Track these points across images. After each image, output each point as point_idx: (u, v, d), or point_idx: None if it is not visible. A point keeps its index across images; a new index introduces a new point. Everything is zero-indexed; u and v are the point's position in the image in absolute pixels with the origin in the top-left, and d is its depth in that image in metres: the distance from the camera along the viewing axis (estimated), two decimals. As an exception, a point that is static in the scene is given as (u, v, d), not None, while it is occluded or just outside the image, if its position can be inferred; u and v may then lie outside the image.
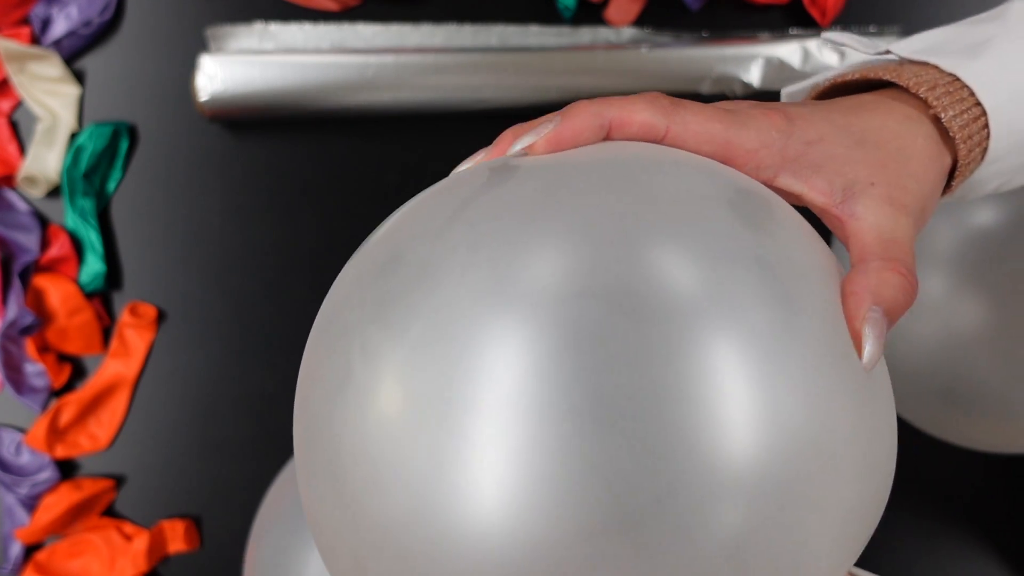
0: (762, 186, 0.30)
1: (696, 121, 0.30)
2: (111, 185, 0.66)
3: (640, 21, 0.69)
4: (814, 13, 0.69)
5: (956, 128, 0.32)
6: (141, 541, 0.61)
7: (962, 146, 0.33)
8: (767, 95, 0.65)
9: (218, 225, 0.66)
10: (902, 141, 0.31)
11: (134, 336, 0.64)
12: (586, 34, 0.68)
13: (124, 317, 0.64)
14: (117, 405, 0.64)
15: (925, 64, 0.34)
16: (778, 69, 0.65)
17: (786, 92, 0.39)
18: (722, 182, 0.27)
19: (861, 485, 0.26)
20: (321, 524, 0.27)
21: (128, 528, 0.63)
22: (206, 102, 0.62)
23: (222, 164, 0.66)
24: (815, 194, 0.31)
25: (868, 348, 0.26)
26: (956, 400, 0.53)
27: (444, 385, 0.23)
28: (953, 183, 0.34)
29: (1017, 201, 0.52)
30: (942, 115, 0.32)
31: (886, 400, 0.28)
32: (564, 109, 0.30)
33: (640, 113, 0.29)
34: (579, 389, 0.22)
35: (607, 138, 0.30)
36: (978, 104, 0.33)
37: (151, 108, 0.66)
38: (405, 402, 0.24)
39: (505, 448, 0.22)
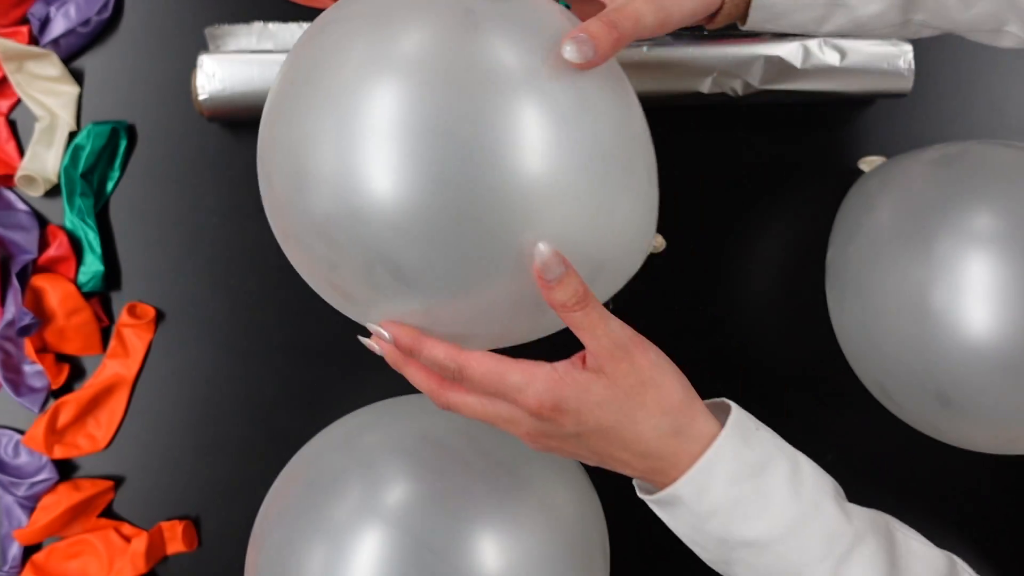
0: None
1: None
2: (110, 185, 0.66)
3: (640, 21, 0.69)
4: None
5: None
6: (140, 542, 0.61)
7: None
8: (768, 94, 0.65)
9: (217, 225, 0.66)
10: None
11: (133, 336, 0.64)
12: (586, 34, 0.68)
13: (123, 317, 0.64)
14: (116, 406, 0.64)
15: None
16: (779, 68, 0.65)
17: None
18: None
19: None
20: (270, 211, 0.45)
21: (127, 529, 0.63)
22: (205, 101, 0.62)
23: (221, 163, 0.66)
24: None
25: (567, 47, 0.40)
26: (951, 404, 0.53)
27: (350, 119, 0.38)
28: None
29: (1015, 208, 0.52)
30: None
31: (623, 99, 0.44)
32: None
33: None
34: (433, 117, 0.37)
35: None
36: None
37: (150, 107, 0.66)
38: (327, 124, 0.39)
39: (389, 154, 0.38)
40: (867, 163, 0.67)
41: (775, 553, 0.41)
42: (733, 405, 0.44)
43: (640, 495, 0.44)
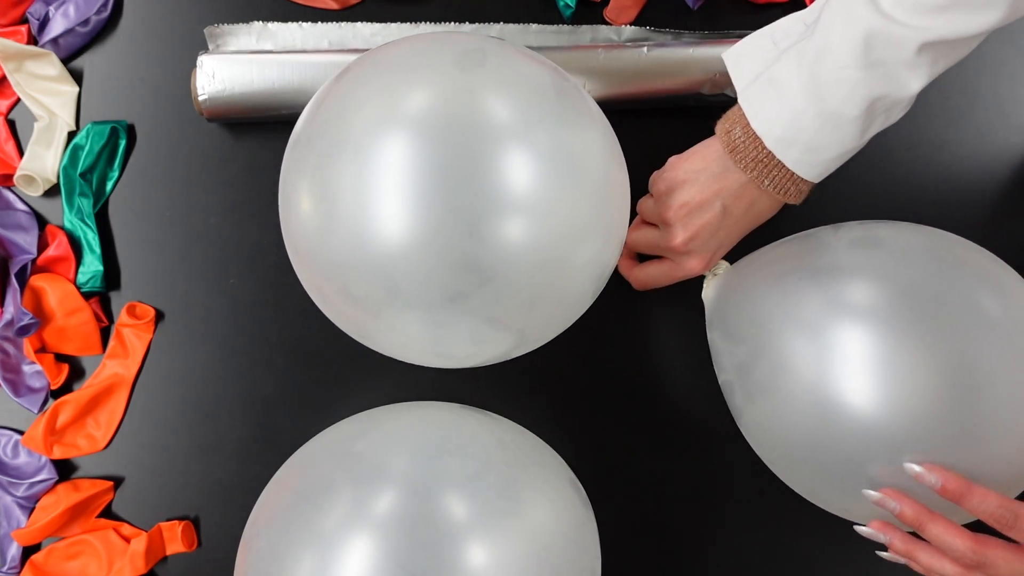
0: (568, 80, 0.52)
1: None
2: (109, 185, 0.66)
3: (640, 20, 0.69)
4: (815, 12, 0.69)
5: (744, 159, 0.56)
6: (139, 542, 0.61)
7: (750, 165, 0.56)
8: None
9: (217, 225, 0.65)
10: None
11: (132, 337, 0.64)
12: (586, 33, 0.68)
13: (122, 317, 0.64)
14: (115, 406, 0.64)
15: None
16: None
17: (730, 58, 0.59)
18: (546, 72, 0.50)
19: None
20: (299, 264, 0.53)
21: (126, 529, 0.63)
22: (205, 101, 0.62)
23: (221, 163, 0.66)
24: None
25: None
26: None
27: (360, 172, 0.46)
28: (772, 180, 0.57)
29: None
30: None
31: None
32: None
33: None
34: (440, 163, 0.45)
35: None
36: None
37: (149, 107, 0.66)
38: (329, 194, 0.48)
39: (402, 196, 0.45)
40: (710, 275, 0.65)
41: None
42: None
43: None
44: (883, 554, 0.52)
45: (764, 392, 0.55)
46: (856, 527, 0.52)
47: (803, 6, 0.69)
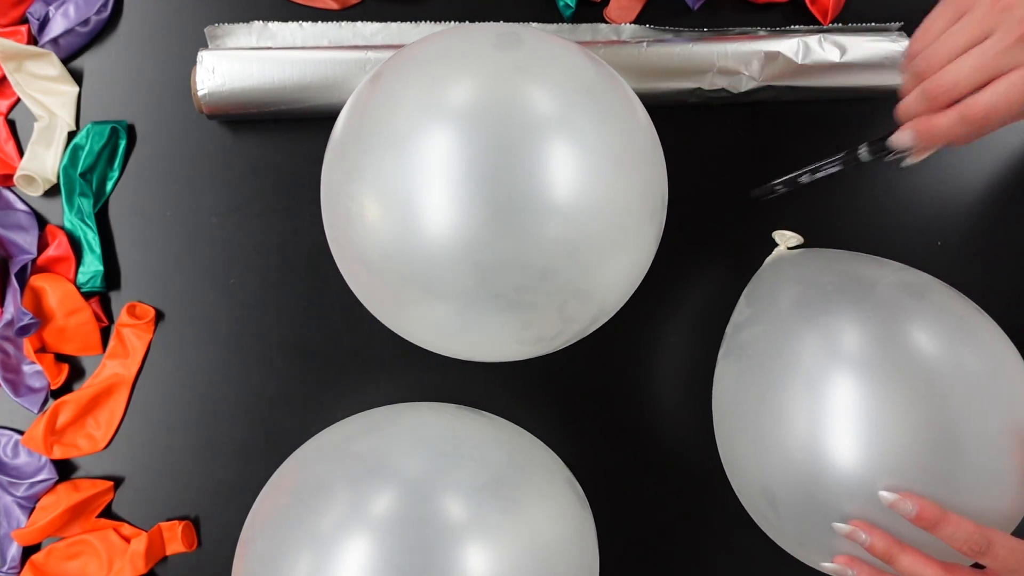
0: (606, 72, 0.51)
1: None
2: (109, 184, 0.65)
3: (640, 20, 0.69)
4: (815, 12, 0.69)
5: None
6: (139, 543, 0.61)
7: None
8: (769, 90, 0.65)
9: (217, 225, 0.65)
10: None
11: (132, 336, 0.64)
12: (586, 32, 0.68)
13: (122, 317, 0.64)
14: (115, 406, 0.64)
15: None
16: (779, 63, 0.64)
17: None
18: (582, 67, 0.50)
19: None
20: (340, 255, 0.52)
21: (126, 529, 0.63)
22: (204, 97, 0.62)
23: (221, 163, 0.66)
24: None
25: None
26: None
27: (405, 172, 0.46)
28: None
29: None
30: None
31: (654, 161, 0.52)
32: None
33: None
34: (484, 161, 0.44)
35: None
36: None
37: (149, 107, 0.66)
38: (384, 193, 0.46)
39: (447, 193, 0.44)
40: (781, 238, 0.64)
41: None
42: None
43: None
44: (827, 566, 0.51)
45: (741, 356, 0.56)
46: (822, 565, 0.52)
47: (803, 6, 0.69)
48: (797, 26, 0.69)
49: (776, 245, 0.64)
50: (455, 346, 0.52)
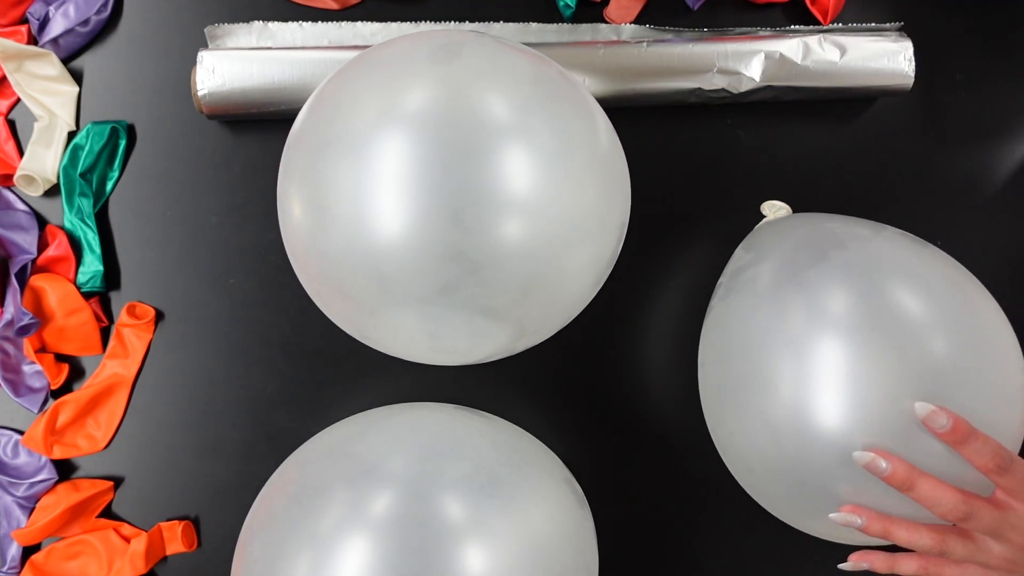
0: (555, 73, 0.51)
1: None
2: (109, 184, 0.66)
3: (640, 20, 0.69)
4: (815, 12, 0.69)
5: None
6: (139, 542, 0.61)
7: None
8: (769, 90, 0.65)
9: (217, 225, 0.65)
10: None
11: (132, 336, 0.64)
12: (586, 32, 0.68)
13: (122, 317, 0.64)
14: (115, 406, 0.64)
15: None
16: (779, 63, 0.64)
17: None
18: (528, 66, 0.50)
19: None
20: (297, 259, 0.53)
21: (126, 529, 0.63)
22: (204, 97, 0.62)
23: (221, 163, 0.66)
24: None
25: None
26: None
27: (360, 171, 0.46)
28: None
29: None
30: None
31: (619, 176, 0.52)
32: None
33: None
34: (416, 154, 0.45)
35: None
36: None
37: (149, 107, 0.66)
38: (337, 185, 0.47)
39: (399, 187, 0.45)
40: (771, 208, 0.64)
41: None
42: None
43: None
44: (845, 565, 0.52)
45: (738, 292, 0.57)
46: (830, 515, 0.52)
47: (803, 7, 0.69)
48: (797, 26, 0.69)
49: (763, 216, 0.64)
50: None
